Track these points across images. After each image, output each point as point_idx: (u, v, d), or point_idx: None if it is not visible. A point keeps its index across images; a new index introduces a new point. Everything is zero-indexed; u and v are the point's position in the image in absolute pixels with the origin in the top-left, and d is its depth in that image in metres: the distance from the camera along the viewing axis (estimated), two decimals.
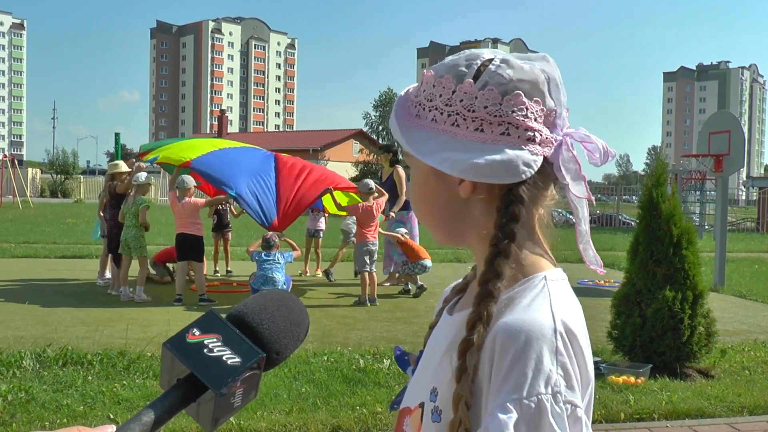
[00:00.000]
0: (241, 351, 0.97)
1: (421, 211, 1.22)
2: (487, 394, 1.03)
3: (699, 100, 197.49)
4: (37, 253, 16.16)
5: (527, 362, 1.00)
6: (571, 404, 1.01)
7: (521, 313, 1.06)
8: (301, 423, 5.35)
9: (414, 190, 1.22)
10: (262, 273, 10.19)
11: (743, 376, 6.99)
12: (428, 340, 1.27)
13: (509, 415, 0.98)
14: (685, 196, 28.89)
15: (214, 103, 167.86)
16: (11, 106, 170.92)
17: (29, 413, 5.40)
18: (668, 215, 6.97)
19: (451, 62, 1.17)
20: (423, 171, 1.18)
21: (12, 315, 9.22)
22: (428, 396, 1.14)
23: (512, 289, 1.10)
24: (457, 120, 1.12)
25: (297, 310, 1.07)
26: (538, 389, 0.99)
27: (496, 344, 1.03)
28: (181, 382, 0.96)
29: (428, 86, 1.16)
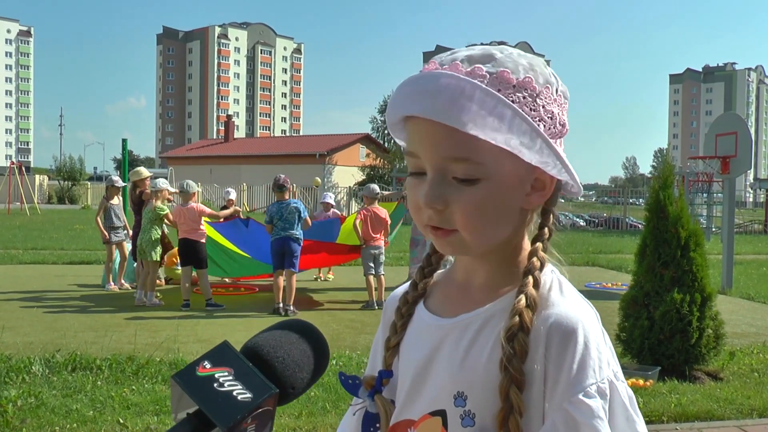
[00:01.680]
0: (253, 386, 0.93)
1: (483, 222, 1.09)
2: (542, 387, 1.06)
3: (705, 102, 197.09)
4: (45, 260, 16.21)
5: (592, 349, 1.06)
6: (624, 381, 1.10)
7: (566, 306, 1.10)
8: (311, 427, 5.36)
9: (489, 199, 1.08)
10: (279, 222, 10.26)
11: (752, 378, 6.97)
12: (406, 353, 1.21)
13: (595, 399, 1.03)
14: (692, 198, 28.89)
15: (221, 109, 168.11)
16: (18, 113, 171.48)
17: (39, 418, 5.42)
18: (675, 217, 6.97)
19: (537, 67, 1.11)
20: (510, 180, 1.09)
21: (21, 321, 9.26)
22: (450, 402, 1.12)
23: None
24: (553, 132, 1.10)
25: (316, 342, 1.03)
26: (605, 371, 1.06)
27: (552, 339, 1.06)
28: (190, 416, 0.92)
29: (530, 93, 1.08)
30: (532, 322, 1.06)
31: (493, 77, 1.06)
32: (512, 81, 1.07)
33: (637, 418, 1.07)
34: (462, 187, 1.07)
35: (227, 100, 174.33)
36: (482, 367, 1.09)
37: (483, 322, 1.13)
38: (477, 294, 1.17)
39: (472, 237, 1.10)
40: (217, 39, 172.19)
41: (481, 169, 1.06)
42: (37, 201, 42.95)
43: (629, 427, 1.06)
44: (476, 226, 1.09)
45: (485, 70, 1.07)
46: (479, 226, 1.09)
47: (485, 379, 1.08)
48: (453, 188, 1.08)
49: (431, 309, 1.23)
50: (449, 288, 1.24)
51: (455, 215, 1.08)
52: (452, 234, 1.10)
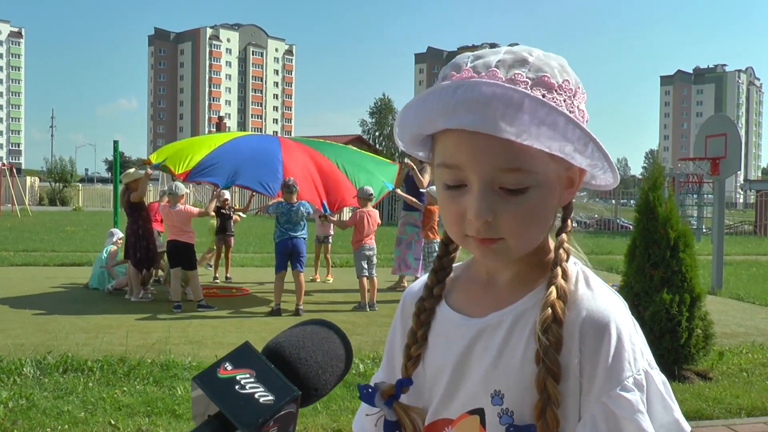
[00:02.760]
0: (276, 388, 0.91)
1: (536, 227, 1.11)
2: (577, 381, 1.07)
3: (696, 104, 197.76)
4: (36, 261, 16.16)
5: (625, 341, 1.07)
6: (657, 368, 1.11)
7: (597, 300, 1.11)
8: (302, 428, 5.37)
9: (540, 205, 1.09)
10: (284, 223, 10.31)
11: (741, 378, 7.02)
12: (436, 354, 1.21)
13: (633, 393, 1.05)
14: (682, 199, 28.97)
15: (213, 110, 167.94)
16: (9, 115, 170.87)
17: (30, 420, 5.42)
18: (665, 218, 7.00)
19: (566, 67, 1.11)
20: (553, 184, 1.10)
21: (12, 323, 9.24)
22: (488, 401, 1.13)
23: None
24: (579, 126, 1.07)
25: (338, 343, 1.02)
26: (641, 362, 1.08)
27: (586, 333, 1.07)
28: (211, 418, 0.90)
29: (568, 96, 1.08)
30: (564, 313, 1.08)
31: (535, 82, 1.06)
32: (553, 85, 1.07)
33: (673, 405, 1.09)
34: (510, 197, 1.07)
35: (219, 101, 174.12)
36: (518, 365, 1.10)
37: (515, 319, 1.13)
38: (504, 291, 1.18)
39: (519, 243, 1.11)
40: (208, 40, 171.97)
41: (532, 177, 1.07)
42: (28, 203, 42.76)
43: (667, 414, 1.07)
44: (524, 233, 1.10)
45: (525, 75, 1.06)
46: (527, 232, 1.10)
47: (521, 377, 1.09)
48: (501, 198, 1.07)
49: (456, 308, 1.22)
50: (472, 286, 1.24)
51: (504, 225, 1.08)
52: (498, 242, 1.10)
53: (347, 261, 16.15)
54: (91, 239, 21.26)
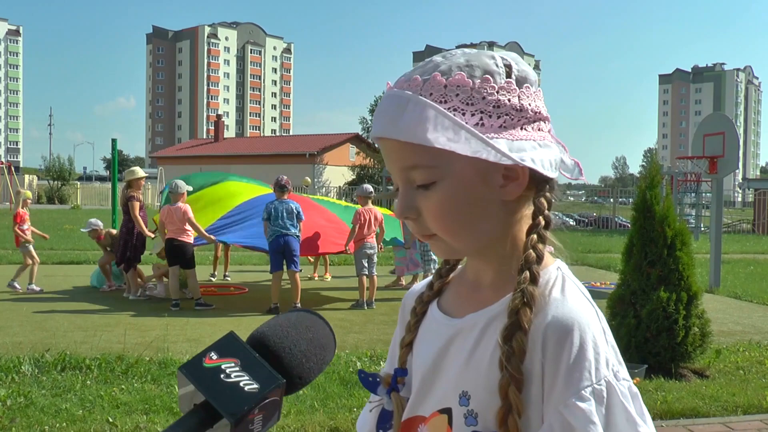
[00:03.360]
0: (260, 377, 0.92)
1: (457, 221, 1.11)
2: (540, 387, 1.05)
3: (694, 102, 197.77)
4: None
5: (587, 350, 1.04)
6: (626, 380, 1.07)
7: (565, 305, 1.08)
8: (299, 425, 5.39)
9: (451, 199, 1.10)
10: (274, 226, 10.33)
11: (738, 376, 7.04)
12: (419, 352, 1.24)
13: (588, 403, 1.01)
14: (680, 197, 28.99)
15: (211, 108, 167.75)
16: (8, 113, 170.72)
17: (28, 418, 5.43)
18: (662, 217, 7.02)
19: (475, 62, 1.11)
20: (466, 177, 1.09)
21: (10, 321, 9.25)
22: (456, 401, 1.13)
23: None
24: (506, 121, 1.09)
25: (321, 332, 1.03)
26: (603, 372, 1.04)
27: (549, 338, 1.05)
28: (197, 407, 0.91)
29: (463, 89, 1.08)
30: (530, 320, 1.06)
31: (426, 83, 1.09)
32: (442, 82, 1.09)
33: (638, 419, 1.04)
34: (424, 193, 1.11)
35: (217, 99, 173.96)
36: (485, 367, 1.10)
37: (488, 321, 1.13)
38: (486, 293, 1.17)
39: (450, 238, 1.13)
40: (206, 38, 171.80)
41: (435, 171, 1.09)
42: None
43: (630, 428, 1.03)
44: (449, 227, 1.12)
45: (421, 78, 1.10)
46: (452, 226, 1.12)
47: (487, 379, 1.08)
48: (419, 196, 1.11)
49: (443, 308, 1.24)
50: (461, 288, 1.25)
51: (427, 221, 1.12)
52: (434, 238, 1.14)
53: (345, 259, 16.16)
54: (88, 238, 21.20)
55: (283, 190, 10.36)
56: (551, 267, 1.14)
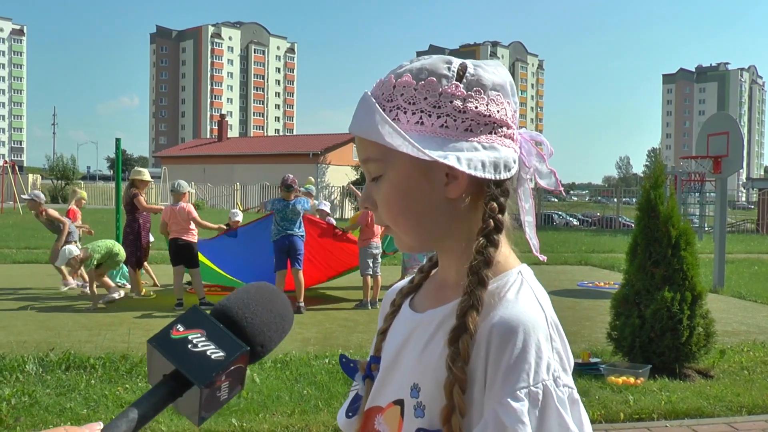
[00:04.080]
0: (225, 345, 0.97)
1: (402, 214, 1.18)
2: (483, 386, 1.07)
3: (698, 102, 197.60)
4: (38, 259, 16.17)
5: (529, 352, 1.05)
6: (568, 387, 1.08)
7: (513, 307, 1.10)
8: (303, 425, 5.39)
9: (393, 192, 1.17)
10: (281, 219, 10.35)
11: (742, 376, 7.03)
12: (387, 343, 1.28)
13: (522, 403, 1.03)
14: (684, 197, 28.94)
15: (214, 108, 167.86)
16: (11, 112, 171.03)
17: (33, 417, 5.44)
18: (666, 216, 7.01)
19: (427, 65, 1.17)
20: (405, 172, 1.16)
21: (14, 320, 9.26)
22: (408, 393, 1.16)
23: (492, 282, 1.14)
24: (447, 121, 1.14)
25: (280, 303, 1.08)
26: (542, 376, 1.05)
27: (493, 338, 1.07)
28: (167, 378, 0.96)
29: (407, 90, 1.15)
30: (476, 323, 1.08)
31: (382, 84, 1.19)
32: (392, 83, 1.17)
33: (572, 426, 1.05)
34: (376, 185, 1.20)
35: (221, 99, 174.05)
36: (435, 361, 1.12)
37: (443, 318, 1.16)
38: (448, 291, 1.20)
39: (398, 229, 1.20)
40: (210, 38, 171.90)
41: (382, 165, 1.17)
42: None
43: None
44: (394, 218, 1.19)
45: (383, 80, 1.19)
46: (397, 218, 1.19)
47: (435, 374, 1.11)
48: (374, 188, 1.20)
49: (412, 304, 1.28)
50: (430, 286, 1.29)
51: (381, 212, 1.21)
52: (389, 229, 1.22)
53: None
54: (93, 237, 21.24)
55: (290, 189, 10.36)
56: (513, 270, 1.17)
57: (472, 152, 1.13)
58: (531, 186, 1.23)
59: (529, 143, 1.21)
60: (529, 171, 1.21)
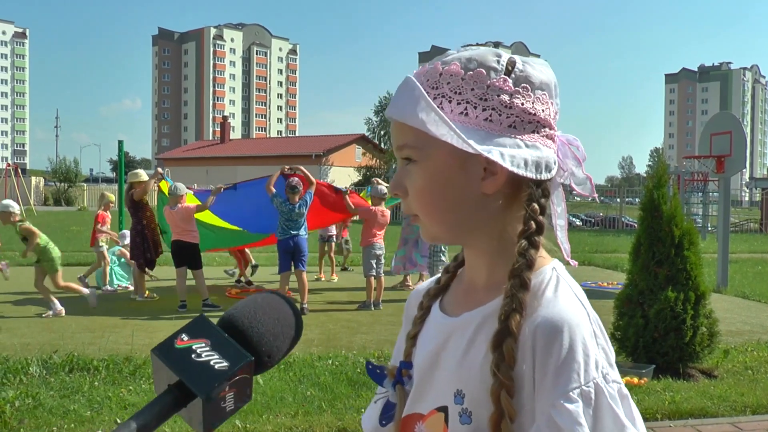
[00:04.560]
0: (229, 355, 0.96)
1: (434, 205, 1.15)
2: (532, 389, 1.06)
3: (701, 102, 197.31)
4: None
5: (576, 351, 1.04)
6: (617, 382, 1.07)
7: (554, 306, 1.09)
8: (307, 426, 5.39)
9: (428, 181, 1.14)
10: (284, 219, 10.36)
11: (746, 375, 7.01)
12: (419, 348, 1.25)
13: (576, 404, 1.02)
14: (687, 197, 28.92)
15: (217, 110, 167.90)
16: (14, 115, 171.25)
17: (37, 419, 5.44)
18: (669, 216, 7.00)
19: (476, 56, 1.15)
20: (443, 162, 1.13)
21: (18, 322, 9.27)
22: (451, 399, 1.14)
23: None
24: (492, 115, 1.12)
25: (289, 313, 1.06)
26: (592, 374, 1.04)
27: (538, 339, 1.06)
28: (171, 387, 0.95)
29: (453, 79, 1.13)
30: (519, 326, 1.07)
31: (427, 71, 1.16)
32: (439, 70, 1.14)
33: (626, 421, 1.04)
34: (410, 171, 1.16)
35: (223, 101, 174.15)
36: (479, 366, 1.11)
37: (482, 320, 1.14)
38: (480, 292, 1.18)
39: (427, 219, 1.17)
40: (212, 40, 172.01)
41: (418, 152, 1.14)
42: (33, 203, 42.89)
43: (617, 430, 1.04)
44: (425, 207, 1.17)
45: (428, 66, 1.16)
46: (427, 207, 1.16)
47: (481, 379, 1.09)
48: (407, 174, 1.17)
49: (443, 307, 1.26)
50: (459, 287, 1.27)
51: (411, 199, 1.17)
52: (417, 219, 1.19)
53: (352, 260, 16.17)
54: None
55: (294, 191, 10.37)
56: (546, 267, 1.15)
57: (515, 149, 1.11)
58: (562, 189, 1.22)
59: (566, 146, 1.19)
60: (564, 174, 1.19)
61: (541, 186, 1.14)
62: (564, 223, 1.23)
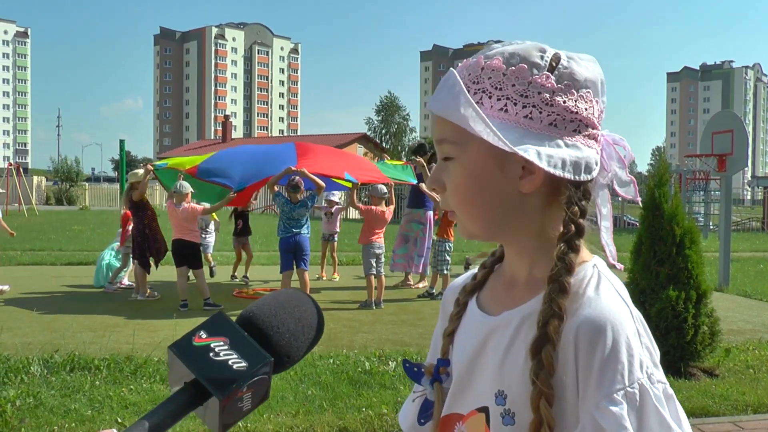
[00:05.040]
0: (248, 355, 0.93)
1: (470, 201, 1.13)
2: (575, 393, 1.04)
3: (703, 100, 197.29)
4: (43, 260, 16.22)
5: (620, 351, 1.02)
6: (662, 382, 1.05)
7: (596, 305, 1.07)
8: (308, 425, 5.39)
9: (465, 177, 1.13)
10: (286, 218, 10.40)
11: (748, 374, 7.00)
12: (458, 346, 1.24)
13: (620, 406, 1.00)
14: (689, 196, 28.89)
15: (218, 109, 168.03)
16: (16, 115, 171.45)
17: (38, 418, 5.44)
18: (671, 215, 6.99)
19: (519, 51, 1.12)
20: (481, 159, 1.11)
21: (19, 322, 9.27)
22: (492, 400, 1.13)
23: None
24: (532, 113, 1.10)
25: (311, 312, 1.04)
26: (636, 375, 1.02)
27: (580, 340, 1.04)
28: (187, 385, 0.92)
29: (495, 74, 1.11)
30: (559, 332, 1.05)
31: (470, 65, 1.14)
32: (481, 64, 1.12)
33: (672, 423, 1.02)
34: (448, 166, 1.15)
35: (225, 100, 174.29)
36: (520, 367, 1.09)
37: (522, 319, 1.12)
38: (520, 290, 1.17)
39: (464, 216, 1.16)
40: (214, 39, 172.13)
41: (456, 147, 1.13)
42: (35, 202, 42.89)
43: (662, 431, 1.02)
44: (461, 204, 1.15)
45: (472, 60, 1.14)
46: (464, 204, 1.15)
47: (523, 380, 1.07)
48: (445, 169, 1.15)
49: (480, 304, 1.24)
50: (497, 284, 1.25)
51: (448, 196, 1.17)
52: (454, 214, 1.18)
53: (353, 259, 16.16)
54: (97, 238, 21.31)
55: (296, 190, 10.37)
56: (588, 264, 1.13)
57: (554, 149, 1.09)
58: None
59: (611, 146, 1.17)
60: (608, 176, 1.17)
61: (581, 187, 1.12)
62: (610, 225, 1.19)
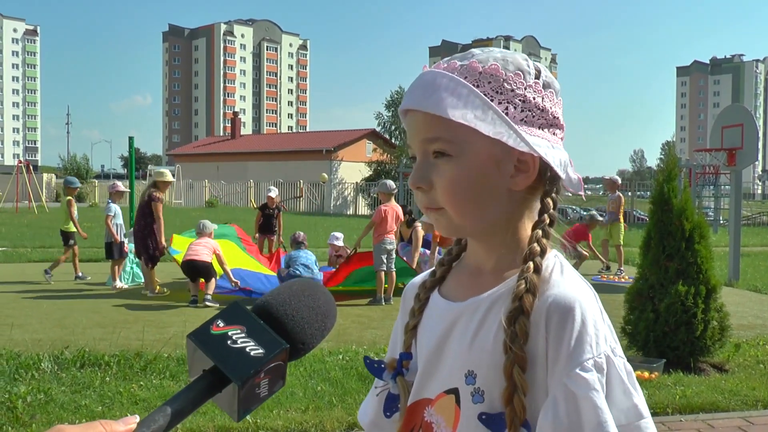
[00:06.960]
0: (265, 342, 0.97)
1: (465, 199, 1.18)
2: (545, 364, 1.12)
3: (713, 94, 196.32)
4: (53, 257, 16.24)
5: (588, 325, 1.12)
6: (622, 357, 1.15)
7: (564, 286, 1.16)
8: (317, 421, 5.40)
9: (463, 176, 1.17)
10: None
11: (758, 370, 6.98)
12: (422, 337, 1.29)
13: (590, 373, 1.09)
14: (699, 190, 28.77)
15: (227, 106, 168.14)
16: (25, 112, 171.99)
17: (48, 414, 5.47)
18: (680, 210, 6.97)
19: (509, 58, 1.20)
20: (482, 158, 1.17)
21: (30, 318, 9.32)
22: (462, 380, 1.18)
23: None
24: (528, 116, 1.17)
25: (324, 300, 1.07)
26: (602, 347, 1.12)
27: (551, 316, 1.12)
28: (205, 373, 0.96)
29: (495, 79, 1.17)
30: (532, 305, 1.12)
31: (463, 68, 1.18)
32: (478, 68, 1.17)
33: (634, 391, 1.12)
34: (440, 165, 1.18)
35: (233, 97, 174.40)
36: (490, 346, 1.15)
37: (490, 304, 1.19)
38: (486, 278, 1.23)
39: (456, 213, 1.19)
40: (222, 36, 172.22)
41: (453, 146, 1.17)
42: (45, 199, 43.05)
43: (627, 399, 1.12)
44: (457, 202, 1.19)
45: (459, 63, 1.19)
46: (459, 202, 1.19)
47: (492, 358, 1.14)
48: (434, 168, 1.18)
49: (444, 294, 1.30)
50: (462, 274, 1.31)
51: (438, 193, 1.19)
52: (440, 212, 1.21)
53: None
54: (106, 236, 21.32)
55: (299, 246, 11.00)
56: (549, 254, 1.21)
57: (551, 150, 1.18)
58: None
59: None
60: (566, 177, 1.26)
61: (556, 183, 1.23)
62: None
